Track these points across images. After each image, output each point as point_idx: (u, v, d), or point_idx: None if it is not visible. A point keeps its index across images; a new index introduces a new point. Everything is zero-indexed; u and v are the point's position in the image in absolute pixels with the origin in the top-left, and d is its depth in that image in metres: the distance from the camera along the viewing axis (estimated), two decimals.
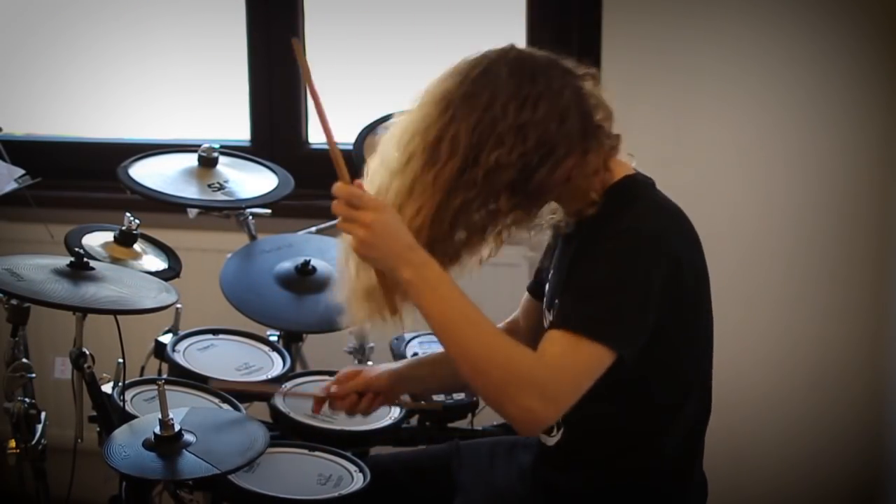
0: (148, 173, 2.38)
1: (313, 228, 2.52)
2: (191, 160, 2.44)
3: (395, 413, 2.15)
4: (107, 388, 2.04)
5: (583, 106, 1.66)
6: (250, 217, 2.49)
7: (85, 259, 1.94)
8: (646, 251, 1.61)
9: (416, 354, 2.31)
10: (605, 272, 1.61)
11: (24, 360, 2.04)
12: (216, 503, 1.89)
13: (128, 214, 2.28)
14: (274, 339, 2.36)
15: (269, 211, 2.48)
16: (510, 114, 1.59)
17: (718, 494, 1.92)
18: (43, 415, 2.05)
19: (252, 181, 2.47)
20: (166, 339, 2.26)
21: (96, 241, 2.26)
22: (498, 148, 1.59)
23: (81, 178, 3.01)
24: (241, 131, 3.02)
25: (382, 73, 2.91)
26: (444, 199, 1.61)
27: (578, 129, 1.64)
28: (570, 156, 1.64)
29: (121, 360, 2.03)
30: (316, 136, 2.99)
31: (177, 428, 1.77)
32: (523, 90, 1.61)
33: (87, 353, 1.97)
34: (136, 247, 2.29)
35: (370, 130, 2.43)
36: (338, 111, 3.07)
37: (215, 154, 2.44)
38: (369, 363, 2.52)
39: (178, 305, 2.18)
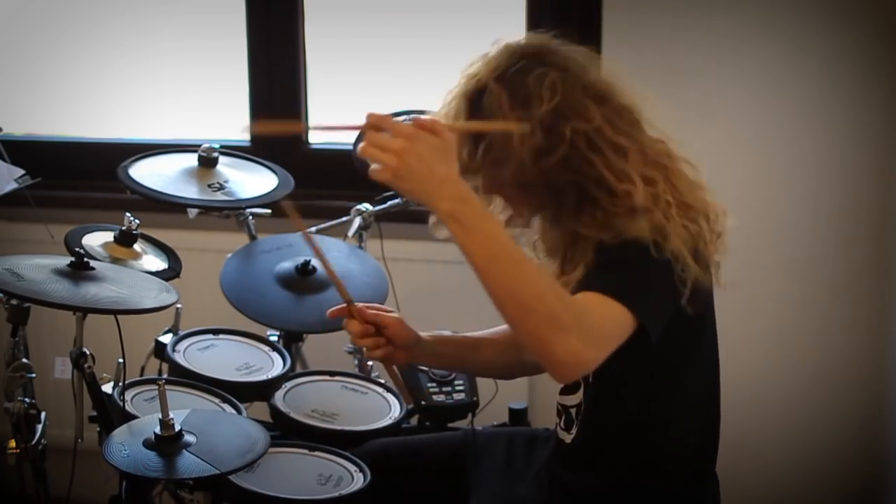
0: (148, 173, 2.37)
1: (313, 228, 2.52)
2: (191, 160, 2.44)
3: (395, 413, 2.15)
4: (107, 388, 2.04)
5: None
6: (250, 217, 2.49)
7: (85, 259, 1.94)
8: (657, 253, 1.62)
9: None
10: (628, 251, 1.61)
11: (24, 360, 2.03)
12: (216, 503, 1.89)
13: (128, 214, 2.28)
14: (274, 339, 2.37)
15: (269, 211, 2.47)
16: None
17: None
18: (43, 415, 2.05)
19: (252, 181, 2.47)
20: (166, 339, 2.26)
21: (96, 241, 2.26)
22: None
23: (81, 178, 3.01)
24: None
25: (382, 73, 2.90)
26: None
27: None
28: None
29: (121, 360, 2.03)
30: (316, 136, 2.98)
31: (177, 428, 1.78)
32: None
33: (88, 353, 1.96)
34: (136, 247, 2.29)
35: None
36: (337, 111, 3.06)
37: (215, 154, 2.44)
38: (370, 363, 2.52)
39: (178, 305, 2.18)
